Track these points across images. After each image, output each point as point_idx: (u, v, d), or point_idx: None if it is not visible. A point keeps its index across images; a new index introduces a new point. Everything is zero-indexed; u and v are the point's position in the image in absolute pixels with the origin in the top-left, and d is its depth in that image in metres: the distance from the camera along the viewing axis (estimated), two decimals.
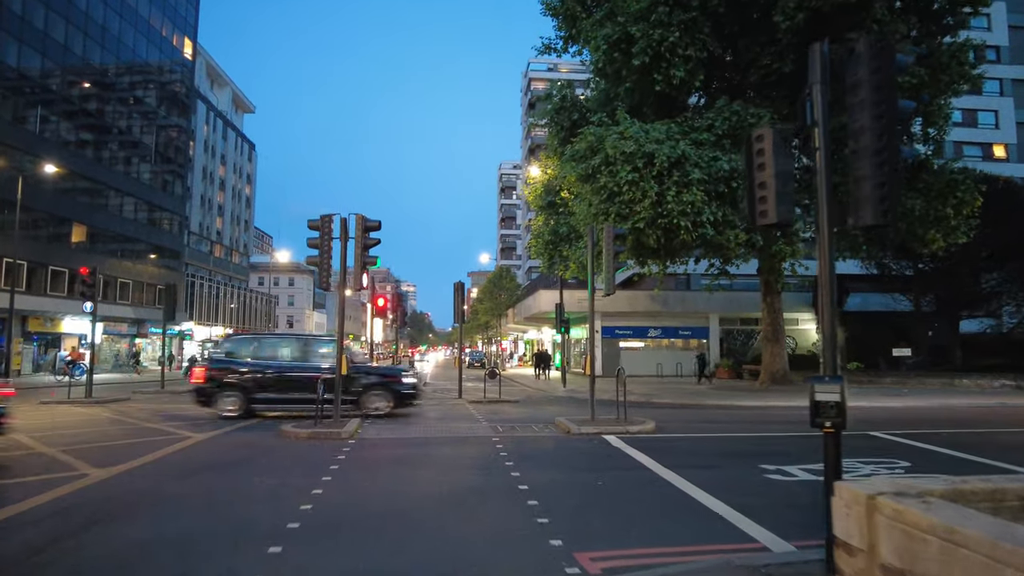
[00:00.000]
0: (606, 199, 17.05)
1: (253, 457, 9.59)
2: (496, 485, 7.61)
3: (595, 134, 17.48)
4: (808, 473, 8.29)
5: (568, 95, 23.84)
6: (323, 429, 11.30)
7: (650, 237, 16.97)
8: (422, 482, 7.79)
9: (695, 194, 16.34)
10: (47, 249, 37.21)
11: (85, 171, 41.09)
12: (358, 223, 11.93)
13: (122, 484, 7.58)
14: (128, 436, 11.62)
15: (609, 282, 12.08)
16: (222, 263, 68.37)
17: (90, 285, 18.77)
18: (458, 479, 7.96)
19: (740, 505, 6.61)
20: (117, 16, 43.92)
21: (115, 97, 44.23)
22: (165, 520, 6.13)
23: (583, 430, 11.78)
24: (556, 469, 8.55)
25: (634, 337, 36.58)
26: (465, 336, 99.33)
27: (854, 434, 12.28)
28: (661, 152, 16.40)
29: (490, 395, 20.36)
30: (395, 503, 6.81)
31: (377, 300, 20.29)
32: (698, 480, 7.78)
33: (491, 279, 68.40)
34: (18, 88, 35.38)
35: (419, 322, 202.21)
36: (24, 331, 36.94)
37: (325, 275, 11.77)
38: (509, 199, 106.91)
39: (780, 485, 7.71)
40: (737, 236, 17.58)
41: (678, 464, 8.79)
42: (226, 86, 73.66)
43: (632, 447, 10.22)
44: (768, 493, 7.33)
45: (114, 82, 43.97)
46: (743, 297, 35.84)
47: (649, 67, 19.47)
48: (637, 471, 8.48)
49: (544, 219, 26.43)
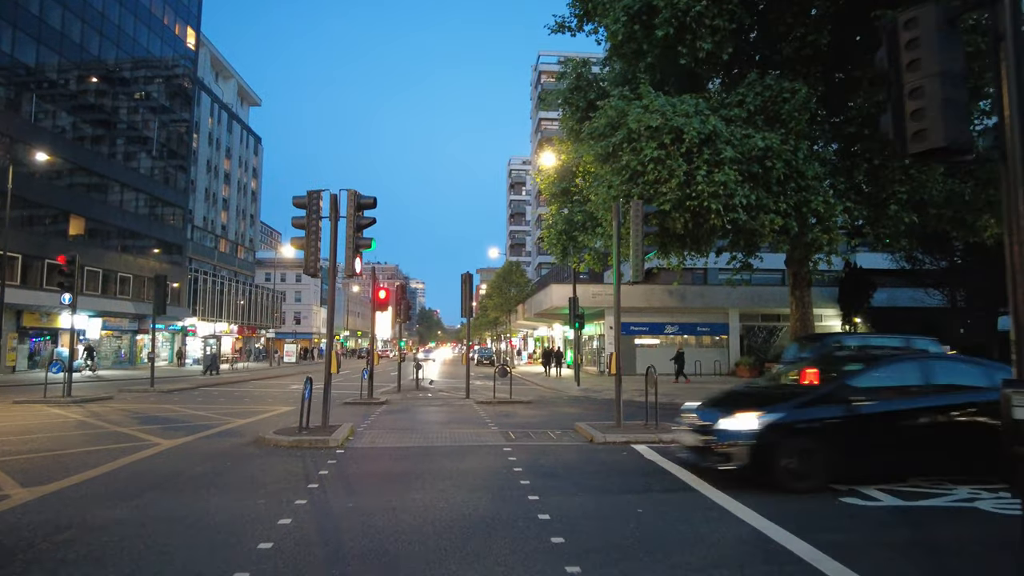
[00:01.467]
0: (628, 180, 15.45)
1: (221, 471, 8.11)
2: (508, 514, 6.10)
3: (616, 108, 15.89)
4: (891, 496, 6.74)
5: (584, 73, 22.21)
6: (308, 437, 9.82)
7: (677, 221, 15.35)
8: (416, 509, 6.29)
9: (727, 174, 14.71)
10: (43, 242, 36.01)
11: (82, 162, 39.89)
12: (350, 200, 10.44)
13: (43, 510, 6.13)
14: (88, 443, 10.19)
15: (637, 267, 10.54)
16: (227, 258, 67.20)
17: (68, 275, 17.39)
18: (461, 505, 6.45)
19: (826, 545, 5.09)
20: (117, 3, 42.71)
21: (114, 87, 43.00)
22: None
23: (609, 438, 10.23)
24: (582, 490, 7.02)
25: (650, 333, 34.95)
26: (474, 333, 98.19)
27: None
28: (691, 127, 14.78)
29: (500, 395, 18.88)
30: (380, 541, 5.32)
31: (378, 292, 18.80)
32: (758, 506, 6.25)
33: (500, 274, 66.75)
34: (11, 75, 34.14)
35: (428, 319, 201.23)
36: (19, 326, 35.80)
37: (312, 259, 10.27)
38: (518, 195, 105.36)
39: (863, 514, 6.16)
40: (772, 221, 15.92)
41: (730, 484, 7.26)
42: (231, 78, 72.40)
43: (669, 460, 8.67)
44: (853, 526, 5.79)
45: (114, 71, 42.73)
46: (764, 292, 34.20)
47: (673, 40, 17.85)
48: (681, 494, 6.94)
49: (557, 208, 24.87)
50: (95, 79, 41.07)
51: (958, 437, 7.37)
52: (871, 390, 7.54)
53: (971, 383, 7.76)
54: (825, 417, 7.21)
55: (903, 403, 7.44)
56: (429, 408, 16.69)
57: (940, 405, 7.43)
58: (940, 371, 7.97)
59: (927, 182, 17.94)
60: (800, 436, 7.09)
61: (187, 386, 24.62)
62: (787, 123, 17.10)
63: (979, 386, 7.66)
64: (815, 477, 6.96)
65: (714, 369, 34.06)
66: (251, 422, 13.26)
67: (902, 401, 7.47)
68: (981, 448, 7.20)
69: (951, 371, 8.08)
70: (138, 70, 45.81)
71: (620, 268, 11.45)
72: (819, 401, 7.39)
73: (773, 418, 7.15)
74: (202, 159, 60.40)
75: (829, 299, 32.81)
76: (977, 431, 7.34)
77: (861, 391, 7.45)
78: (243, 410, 15.92)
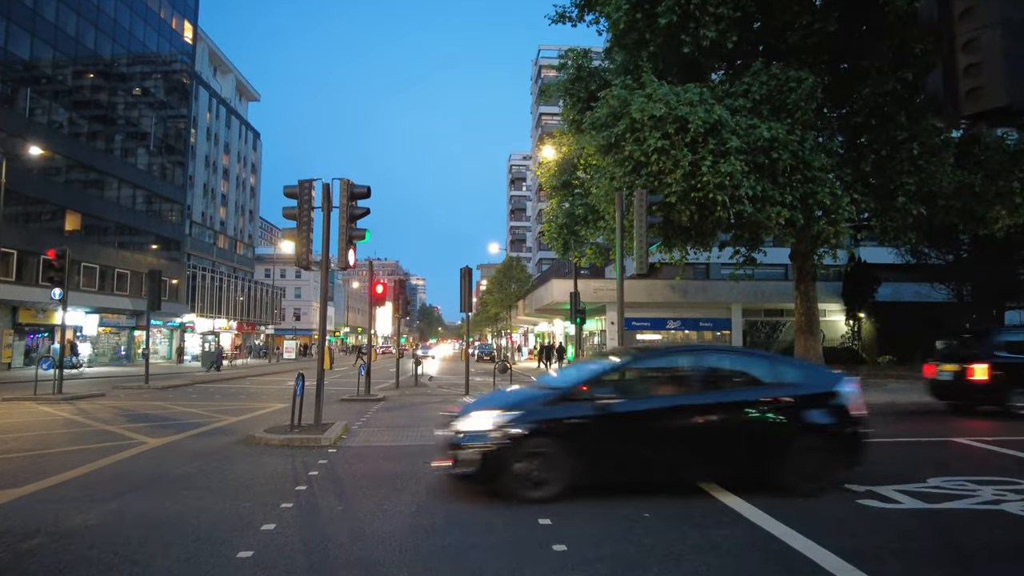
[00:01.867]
0: (631, 171, 15.07)
1: (206, 472, 7.74)
2: (508, 519, 5.73)
3: (618, 97, 15.48)
4: (912, 498, 6.37)
5: (585, 64, 21.77)
6: (299, 435, 9.45)
7: (682, 213, 14.96)
8: (409, 512, 5.93)
9: (733, 164, 14.33)
10: (39, 238, 35.56)
11: (78, 156, 39.50)
12: (343, 189, 10.04)
13: (11, 515, 5.75)
14: (72, 442, 9.83)
15: (641, 259, 10.14)
16: (226, 254, 66.83)
17: (59, 270, 17.00)
18: (457, 509, 6.08)
19: (851, 553, 4.72)
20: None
21: (111, 81, 42.57)
22: None
23: None
24: (585, 493, 6.62)
25: (652, 329, 34.58)
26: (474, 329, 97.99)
27: (932, 441, 10.38)
28: (695, 116, 14.38)
29: None
30: (369, 549, 4.96)
31: (375, 287, 18.42)
32: (771, 509, 5.88)
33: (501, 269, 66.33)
34: (4, 68, 33.71)
35: (428, 315, 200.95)
36: (15, 323, 35.45)
37: (304, 250, 9.89)
38: (519, 190, 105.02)
39: (885, 517, 5.80)
40: (779, 214, 15.53)
41: (742, 486, 6.87)
42: (229, 73, 71.93)
43: None
44: (876, 530, 5.42)
45: (110, 65, 42.28)
46: (768, 287, 33.83)
47: (676, 28, 17.44)
48: (692, 496, 6.55)
49: (558, 201, 24.48)
50: (91, 73, 40.65)
51: (726, 438, 6.63)
52: (626, 386, 6.95)
53: (751, 378, 7.22)
54: (569, 417, 6.43)
55: (662, 401, 6.77)
56: (427, 405, 16.33)
57: (705, 404, 6.67)
58: (713, 366, 7.38)
59: (936, 173, 17.53)
60: (539, 438, 6.28)
61: (182, 383, 24.27)
62: (793, 113, 16.70)
63: (761, 382, 7.12)
64: (554, 483, 6.21)
65: None
66: (243, 419, 12.90)
67: (662, 399, 6.82)
68: (755, 449, 6.64)
69: (728, 366, 7.51)
70: (135, 64, 45.36)
71: (623, 261, 11.06)
72: (564, 399, 6.59)
73: (509, 417, 6.36)
74: (200, 154, 59.97)
75: (833, 294, 32.44)
76: (747, 431, 6.68)
77: (614, 387, 6.77)
78: (237, 407, 15.56)
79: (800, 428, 6.74)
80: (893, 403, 16.17)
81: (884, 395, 17.87)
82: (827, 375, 7.31)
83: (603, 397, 6.53)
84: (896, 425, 12.34)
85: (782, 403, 6.82)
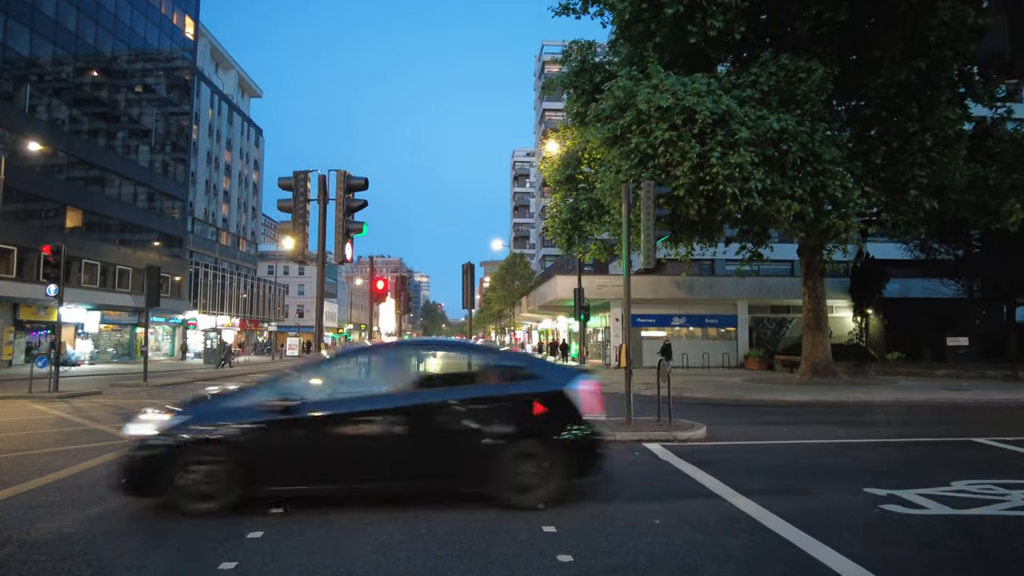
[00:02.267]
0: (638, 163, 14.72)
1: None
2: (509, 527, 5.38)
3: (624, 88, 15.13)
4: (937, 503, 6.02)
5: (589, 56, 21.40)
6: None
7: (691, 207, 14.60)
8: (404, 519, 5.59)
9: (743, 156, 13.97)
10: (40, 235, 35.32)
11: (79, 153, 39.28)
12: (339, 181, 9.71)
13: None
14: (60, 442, 9.53)
15: (649, 252, 9.79)
16: (229, 251, 66.64)
17: (54, 266, 16.72)
18: (455, 517, 5.74)
19: (880, 565, 4.38)
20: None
21: (112, 77, 42.30)
22: None
23: (619, 436, 9.53)
24: (591, 497, 6.30)
25: (656, 326, 34.20)
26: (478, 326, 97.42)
27: (951, 441, 10.01)
28: (703, 106, 14.01)
29: None
30: (362, 563, 4.63)
31: (376, 282, 18.11)
32: (793, 516, 5.54)
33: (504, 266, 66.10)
34: (3, 64, 33.45)
35: (432, 312, 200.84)
36: (15, 319, 35.27)
37: (300, 244, 9.56)
38: (522, 187, 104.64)
39: (910, 525, 5.44)
40: (789, 207, 15.16)
41: (755, 488, 6.55)
42: (231, 69, 71.65)
43: (686, 461, 7.96)
44: (902, 539, 5.06)
45: (111, 61, 42.02)
46: (774, 283, 33.46)
47: (683, 18, 17.11)
48: (704, 500, 6.23)
49: (562, 196, 24.15)
50: (91, 69, 40.38)
51: (426, 443, 5.89)
52: (315, 388, 6.20)
53: (467, 376, 6.59)
54: (243, 421, 5.74)
55: (355, 404, 5.98)
56: None
57: (404, 406, 5.94)
58: (424, 363, 6.71)
59: (949, 165, 17.16)
60: (207, 446, 5.64)
61: (182, 380, 24.02)
62: (803, 104, 16.34)
63: (477, 380, 6.45)
64: (223, 496, 5.57)
65: (723, 362, 33.33)
66: None
67: (356, 402, 6.03)
68: (458, 456, 5.90)
69: (444, 363, 6.79)
70: (136, 60, 45.09)
71: (630, 256, 10.72)
72: (232, 404, 5.97)
73: (176, 422, 5.73)
74: (202, 151, 59.76)
75: (840, 290, 32.01)
76: (451, 436, 5.92)
77: (305, 388, 6.09)
78: None
79: (516, 433, 5.92)
80: (905, 401, 15.81)
81: (895, 392, 17.50)
82: (558, 373, 6.48)
83: (288, 401, 5.77)
84: (911, 425, 11.98)
85: (496, 404, 6.04)
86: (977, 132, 19.37)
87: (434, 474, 5.94)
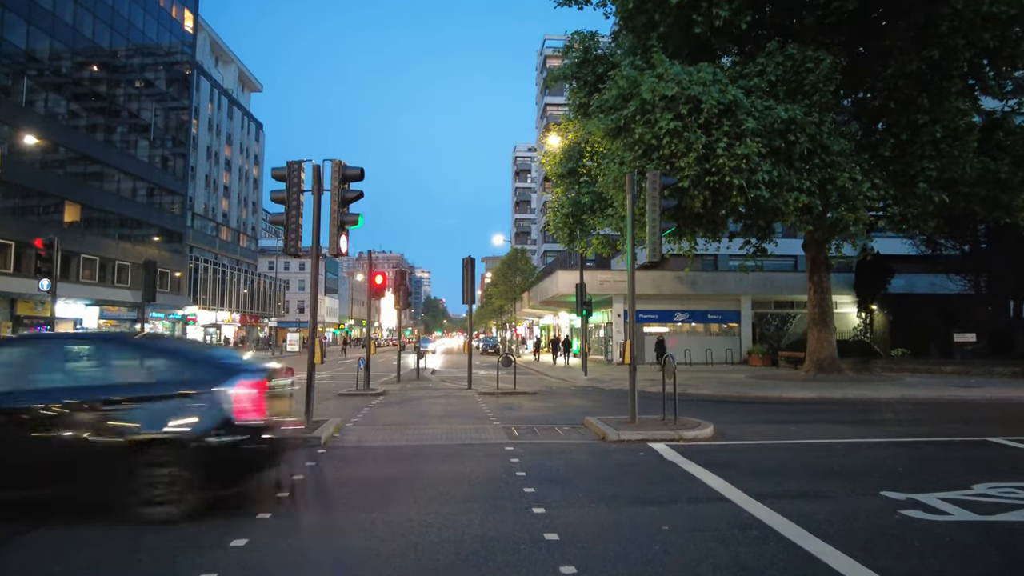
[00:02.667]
0: (642, 155, 14.37)
1: None
2: (509, 533, 5.08)
3: (628, 78, 14.76)
4: (960, 508, 5.71)
5: (592, 47, 21.00)
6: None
7: (696, 199, 14.25)
8: (401, 526, 5.29)
9: (750, 146, 13.62)
10: (38, 229, 34.98)
11: (77, 147, 38.97)
12: (334, 171, 9.40)
13: None
14: None
15: (654, 245, 9.46)
16: (229, 246, 66.33)
17: (47, 260, 16.42)
18: (453, 522, 5.44)
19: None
20: None
21: (110, 71, 41.96)
22: None
23: (623, 436, 9.21)
24: (595, 501, 5.99)
25: (659, 321, 33.86)
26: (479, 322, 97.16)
27: (965, 441, 9.70)
28: (709, 96, 13.65)
29: (504, 386, 17.92)
30: (352, 572, 4.33)
31: (374, 277, 17.82)
32: (809, 523, 5.23)
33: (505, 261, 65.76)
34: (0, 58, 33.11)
35: (433, 308, 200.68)
36: (13, 315, 35.02)
37: (292, 236, 9.24)
38: (524, 182, 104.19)
39: (935, 533, 5.12)
40: (797, 199, 14.81)
41: (767, 491, 6.24)
42: (231, 63, 71.23)
43: (693, 462, 7.65)
44: (928, 549, 4.74)
45: (109, 55, 41.66)
46: (778, 278, 33.08)
47: (688, 7, 16.73)
48: (714, 504, 5.91)
49: (564, 189, 23.79)
50: (90, 63, 40.05)
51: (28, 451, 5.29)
52: None
53: (86, 374, 5.82)
54: None
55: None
56: (428, 400, 15.73)
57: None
58: (37, 359, 5.87)
59: (959, 158, 16.77)
60: None
61: None
62: (811, 95, 15.96)
63: (99, 378, 5.74)
64: None
65: (725, 358, 33.01)
66: None
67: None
68: (72, 465, 5.29)
69: (61, 359, 5.89)
70: (134, 54, 44.74)
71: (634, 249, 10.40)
72: None
73: None
74: (202, 145, 59.42)
75: (845, 285, 31.63)
76: (57, 443, 5.27)
77: None
78: None
79: (145, 440, 5.27)
80: (912, 398, 15.50)
81: (902, 389, 17.20)
82: (211, 370, 5.73)
83: None
84: (921, 423, 11.67)
85: (120, 406, 5.38)
86: (987, 125, 18.99)
87: (36, 483, 5.33)
